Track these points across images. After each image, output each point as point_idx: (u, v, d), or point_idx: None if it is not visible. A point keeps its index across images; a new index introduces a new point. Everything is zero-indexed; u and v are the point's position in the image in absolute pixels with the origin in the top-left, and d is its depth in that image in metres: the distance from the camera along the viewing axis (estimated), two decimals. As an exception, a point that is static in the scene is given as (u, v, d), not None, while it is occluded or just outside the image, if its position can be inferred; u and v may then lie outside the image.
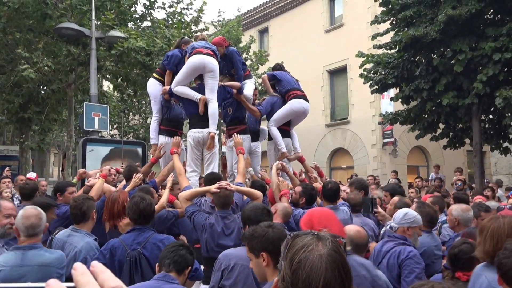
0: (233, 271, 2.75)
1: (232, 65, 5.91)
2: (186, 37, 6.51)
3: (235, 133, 5.31)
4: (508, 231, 2.26)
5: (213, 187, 3.72)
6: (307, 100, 6.25)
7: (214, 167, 5.33)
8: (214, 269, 2.87)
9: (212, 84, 5.35)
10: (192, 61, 5.25)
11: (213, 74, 5.30)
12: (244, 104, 5.84)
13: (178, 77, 5.41)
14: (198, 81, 5.55)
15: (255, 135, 6.27)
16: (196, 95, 5.28)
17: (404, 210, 3.44)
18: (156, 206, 3.86)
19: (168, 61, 5.80)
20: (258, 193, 3.99)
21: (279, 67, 6.50)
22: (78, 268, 0.57)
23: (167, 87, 5.60)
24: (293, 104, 6.10)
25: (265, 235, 2.13)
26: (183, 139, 6.13)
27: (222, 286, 2.79)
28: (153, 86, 5.97)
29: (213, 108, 5.33)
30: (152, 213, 3.29)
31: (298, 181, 5.19)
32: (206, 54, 5.26)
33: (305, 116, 6.39)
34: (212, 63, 5.26)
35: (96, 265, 0.58)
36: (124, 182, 4.98)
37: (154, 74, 6.15)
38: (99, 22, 10.77)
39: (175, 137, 5.21)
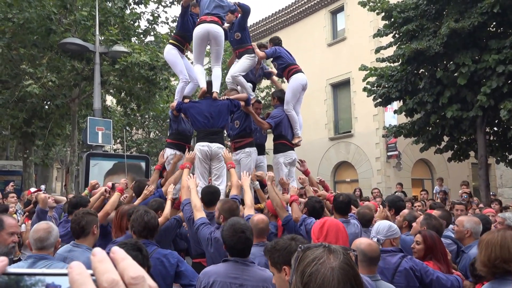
0: None
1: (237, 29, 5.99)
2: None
3: (226, 150, 5.27)
4: (501, 242, 2.31)
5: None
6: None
7: (222, 181, 5.29)
8: None
9: (217, 51, 5.78)
10: (195, 32, 5.56)
11: (216, 41, 5.62)
12: (252, 117, 5.79)
13: (193, 53, 5.75)
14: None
15: (261, 149, 6.21)
16: (202, 84, 5.65)
17: (387, 223, 3.49)
18: (160, 219, 3.80)
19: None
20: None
21: (277, 41, 6.42)
22: (97, 254, 0.52)
23: (174, 104, 5.63)
24: (298, 77, 6.10)
25: (287, 248, 2.04)
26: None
27: None
28: (168, 52, 6.02)
29: (217, 72, 5.75)
30: (157, 227, 3.27)
31: (312, 193, 5.13)
32: (210, 21, 5.47)
33: (305, 90, 6.34)
34: (215, 30, 5.50)
35: (117, 251, 0.53)
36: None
37: (170, 40, 6.25)
38: (103, 37, 10.85)
39: (188, 152, 5.27)
